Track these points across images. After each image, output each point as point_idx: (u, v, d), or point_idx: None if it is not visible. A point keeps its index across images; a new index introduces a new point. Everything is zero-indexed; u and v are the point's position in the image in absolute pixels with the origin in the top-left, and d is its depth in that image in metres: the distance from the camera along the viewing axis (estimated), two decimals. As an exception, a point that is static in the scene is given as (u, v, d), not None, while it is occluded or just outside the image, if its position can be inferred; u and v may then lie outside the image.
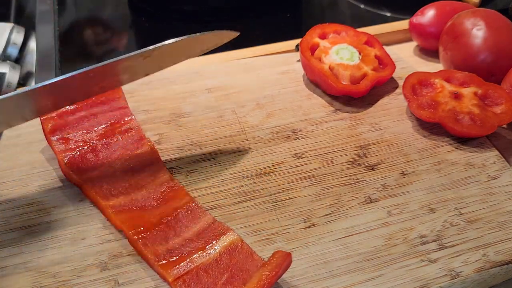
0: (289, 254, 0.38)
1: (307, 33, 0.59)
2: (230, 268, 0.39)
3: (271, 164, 0.48)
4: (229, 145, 0.50)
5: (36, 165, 0.48)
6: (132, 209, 0.43)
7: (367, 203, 0.44)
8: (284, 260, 0.37)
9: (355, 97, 0.55)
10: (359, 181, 0.46)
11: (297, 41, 0.62)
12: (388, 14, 0.79)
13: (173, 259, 0.39)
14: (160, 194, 0.44)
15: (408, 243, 0.41)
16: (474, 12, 0.58)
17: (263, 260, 0.39)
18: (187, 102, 0.55)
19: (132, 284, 0.39)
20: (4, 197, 0.45)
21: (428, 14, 0.64)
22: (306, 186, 0.46)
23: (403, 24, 0.68)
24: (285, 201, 0.45)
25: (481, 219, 0.43)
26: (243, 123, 0.53)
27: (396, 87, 0.57)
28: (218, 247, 0.40)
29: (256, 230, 0.42)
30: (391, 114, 0.54)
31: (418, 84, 0.54)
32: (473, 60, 0.55)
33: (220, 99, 0.55)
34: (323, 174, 0.47)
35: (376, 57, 0.57)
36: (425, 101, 0.52)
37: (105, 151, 0.48)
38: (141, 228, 0.41)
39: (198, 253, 0.40)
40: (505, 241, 0.41)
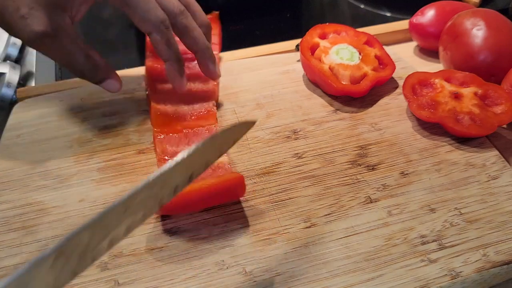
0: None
1: (307, 33, 0.59)
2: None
3: (271, 164, 0.48)
4: (229, 145, 0.50)
5: (36, 165, 0.48)
6: (170, 116, 0.51)
7: (367, 203, 0.44)
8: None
9: (355, 97, 0.55)
10: (359, 181, 0.46)
11: (297, 41, 0.62)
12: (388, 14, 0.79)
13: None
14: (197, 113, 0.52)
15: (408, 243, 0.41)
16: (474, 12, 0.58)
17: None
18: (187, 102, 0.55)
19: (132, 284, 0.39)
20: (4, 197, 0.45)
21: (428, 14, 0.64)
22: (306, 186, 0.46)
23: (403, 24, 0.68)
24: (285, 201, 0.45)
25: (481, 219, 0.43)
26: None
27: (396, 87, 0.57)
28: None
29: (256, 230, 0.42)
30: (391, 114, 0.54)
31: (418, 84, 0.54)
32: (473, 60, 0.56)
33: (220, 99, 0.55)
34: (323, 174, 0.47)
35: (376, 57, 0.57)
36: (425, 101, 0.52)
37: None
38: (165, 129, 0.49)
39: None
40: (505, 241, 0.41)
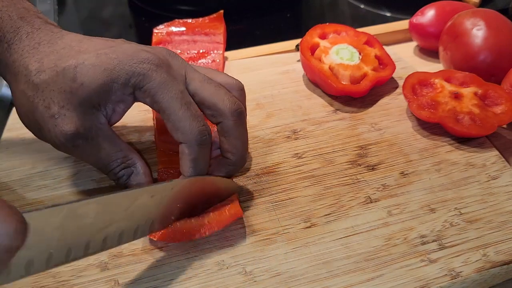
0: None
1: (307, 33, 0.59)
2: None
3: (271, 164, 0.48)
4: (229, 145, 0.50)
5: (36, 165, 0.48)
6: (176, 155, 0.47)
7: (367, 203, 0.44)
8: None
9: (355, 97, 0.55)
10: (359, 181, 0.46)
11: (297, 41, 0.62)
12: (388, 14, 0.79)
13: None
14: None
15: (408, 243, 0.41)
16: (474, 12, 0.58)
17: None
18: (187, 102, 0.55)
19: (132, 284, 0.39)
20: (4, 197, 0.45)
21: (428, 14, 0.64)
22: (306, 186, 0.46)
23: (403, 24, 0.68)
24: (285, 201, 0.45)
25: (481, 219, 0.43)
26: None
27: (396, 87, 0.57)
28: None
29: (256, 230, 0.42)
30: (391, 114, 0.54)
31: (418, 84, 0.54)
32: (473, 60, 0.56)
33: (220, 99, 0.55)
34: (323, 174, 0.47)
35: (376, 57, 0.57)
36: (425, 101, 0.52)
37: None
38: (170, 166, 0.47)
39: None
40: (505, 241, 0.41)
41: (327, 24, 0.60)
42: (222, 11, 0.64)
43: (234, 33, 0.73)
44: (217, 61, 0.58)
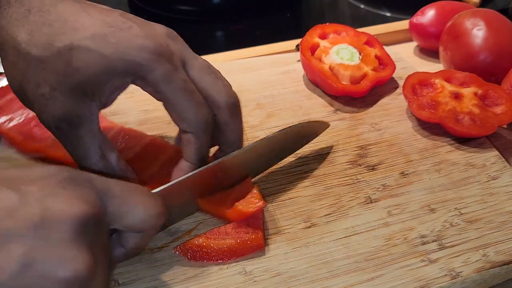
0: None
1: (307, 33, 0.59)
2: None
3: (271, 164, 0.48)
4: (229, 145, 0.50)
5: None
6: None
7: (367, 203, 0.44)
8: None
9: (355, 97, 0.55)
10: (359, 181, 0.46)
11: (297, 41, 0.62)
12: (388, 14, 0.79)
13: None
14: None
15: (408, 243, 0.41)
16: (474, 12, 0.58)
17: None
18: (187, 102, 0.55)
19: (132, 284, 0.39)
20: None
21: (428, 14, 0.64)
22: (306, 186, 0.46)
23: (403, 24, 0.68)
24: (285, 201, 0.45)
25: (481, 219, 0.43)
26: (244, 123, 0.52)
27: (396, 87, 0.57)
28: None
29: (256, 230, 0.42)
30: (391, 114, 0.54)
31: (418, 84, 0.54)
32: (473, 60, 0.56)
33: (220, 99, 0.55)
34: (323, 174, 0.47)
35: (376, 57, 0.57)
36: (425, 101, 0.52)
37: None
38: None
39: None
40: (505, 241, 0.41)
41: (327, 24, 0.60)
42: None
43: (234, 33, 0.73)
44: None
